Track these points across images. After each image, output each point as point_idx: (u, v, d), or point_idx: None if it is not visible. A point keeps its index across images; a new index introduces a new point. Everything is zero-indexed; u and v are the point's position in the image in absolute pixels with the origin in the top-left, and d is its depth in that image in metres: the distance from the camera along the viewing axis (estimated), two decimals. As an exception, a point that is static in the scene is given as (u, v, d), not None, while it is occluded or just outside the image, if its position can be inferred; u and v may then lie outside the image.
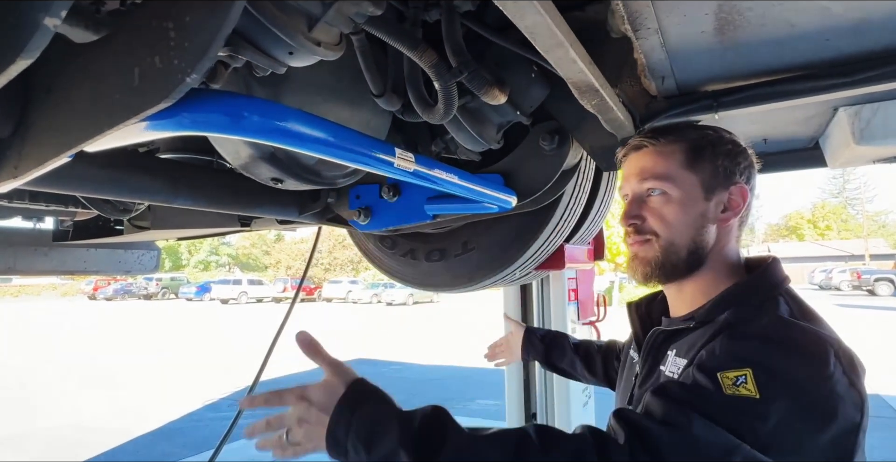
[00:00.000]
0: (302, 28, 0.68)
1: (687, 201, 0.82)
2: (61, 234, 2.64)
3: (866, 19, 0.81)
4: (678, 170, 0.83)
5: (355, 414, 0.65)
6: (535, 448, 0.60)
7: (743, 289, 0.79)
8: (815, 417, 0.60)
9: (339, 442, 0.64)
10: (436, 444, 0.61)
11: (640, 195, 0.86)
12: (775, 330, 0.68)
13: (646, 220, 0.83)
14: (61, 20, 0.41)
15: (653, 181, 0.83)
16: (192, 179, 1.31)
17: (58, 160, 0.67)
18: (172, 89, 0.51)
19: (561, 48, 0.72)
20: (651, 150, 0.86)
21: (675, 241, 0.81)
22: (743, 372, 0.62)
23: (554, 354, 1.37)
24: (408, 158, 0.83)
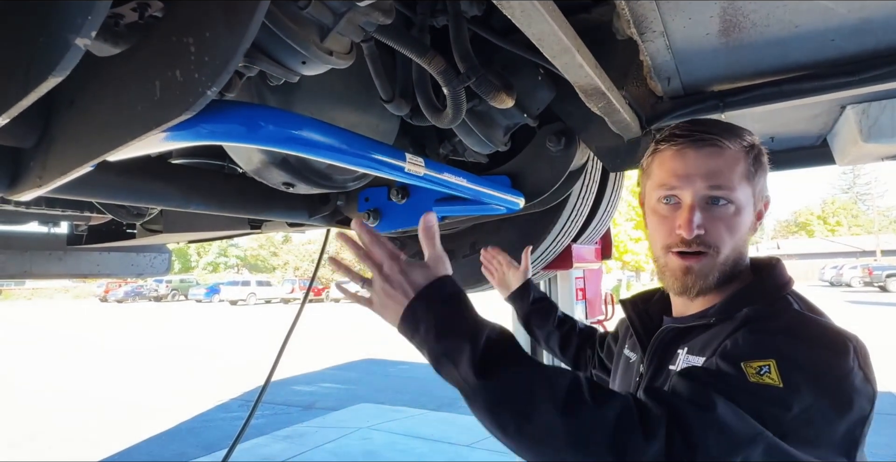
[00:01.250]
0: (314, 38, 0.70)
1: (746, 215, 0.79)
2: (75, 239, 2.68)
3: (869, 19, 0.82)
4: (742, 180, 0.77)
5: (438, 302, 0.67)
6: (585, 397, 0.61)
7: (755, 288, 0.79)
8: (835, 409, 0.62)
9: (415, 318, 0.67)
10: (498, 355, 0.64)
11: (704, 201, 0.77)
12: (798, 324, 0.69)
13: (709, 232, 0.77)
14: (91, 40, 0.43)
15: (725, 191, 0.76)
16: (206, 185, 1.33)
17: (80, 170, 0.69)
18: (193, 102, 0.53)
19: (568, 54, 0.73)
20: (719, 151, 0.77)
21: (730, 256, 0.78)
22: (767, 362, 0.62)
23: (535, 319, 1.36)
24: (418, 163, 0.85)
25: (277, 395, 7.22)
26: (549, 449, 0.59)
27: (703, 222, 0.77)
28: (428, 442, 5.19)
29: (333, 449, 5.08)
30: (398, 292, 0.69)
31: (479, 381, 0.61)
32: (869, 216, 50.64)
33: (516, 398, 0.60)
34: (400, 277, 0.69)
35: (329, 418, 6.18)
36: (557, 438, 0.58)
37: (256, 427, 5.68)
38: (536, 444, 0.59)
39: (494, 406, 0.61)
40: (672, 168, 0.79)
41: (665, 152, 0.81)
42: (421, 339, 0.67)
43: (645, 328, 0.92)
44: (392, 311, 0.70)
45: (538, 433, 0.59)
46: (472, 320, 0.67)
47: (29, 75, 0.47)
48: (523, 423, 0.59)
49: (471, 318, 0.67)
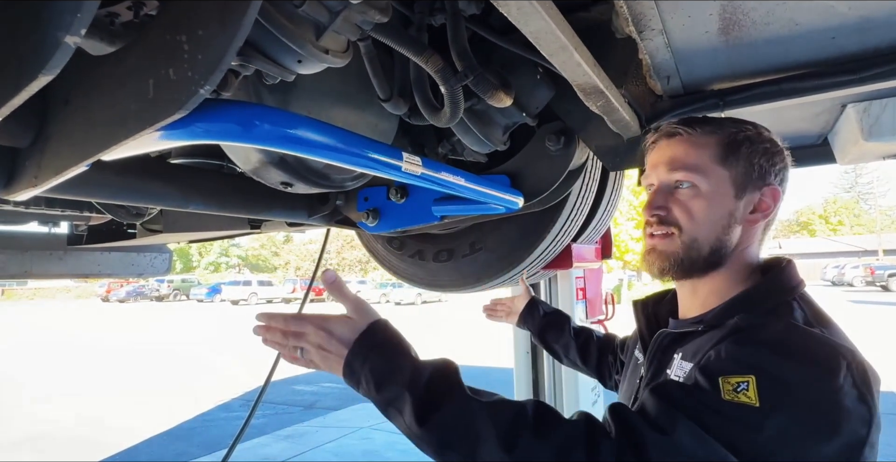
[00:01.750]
0: (310, 37, 0.69)
1: (716, 197, 0.78)
2: (76, 239, 2.69)
3: (871, 17, 0.81)
4: (711, 163, 0.78)
5: (373, 352, 0.68)
6: (528, 428, 0.60)
7: (756, 293, 0.76)
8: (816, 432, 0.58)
9: (354, 373, 0.67)
10: (438, 399, 0.63)
11: (667, 186, 0.81)
12: (786, 337, 0.66)
13: (670, 212, 0.79)
14: (81, 38, 0.43)
15: (683, 172, 0.79)
16: (204, 184, 1.33)
17: (76, 169, 0.69)
18: (186, 100, 0.52)
19: (565, 52, 0.73)
20: (685, 138, 0.81)
21: (698, 238, 0.78)
22: (746, 378, 0.60)
23: (550, 333, 1.35)
24: (415, 162, 0.84)
25: (278, 395, 7.23)
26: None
27: (664, 204, 0.80)
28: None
29: (334, 449, 5.08)
30: (332, 354, 0.69)
31: (422, 428, 0.62)
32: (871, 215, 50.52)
33: (460, 441, 0.61)
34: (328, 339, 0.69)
35: (330, 418, 6.19)
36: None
37: (257, 427, 5.69)
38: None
39: (442, 450, 0.62)
40: (650, 159, 0.86)
41: (649, 148, 0.88)
42: (364, 392, 0.67)
43: (650, 330, 0.91)
44: (334, 369, 0.70)
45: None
46: (409, 366, 0.66)
47: (20, 74, 0.47)
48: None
49: (407, 364, 0.66)
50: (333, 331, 0.69)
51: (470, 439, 0.60)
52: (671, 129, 0.84)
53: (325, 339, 0.69)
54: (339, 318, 0.71)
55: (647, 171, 0.87)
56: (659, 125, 1.15)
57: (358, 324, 0.70)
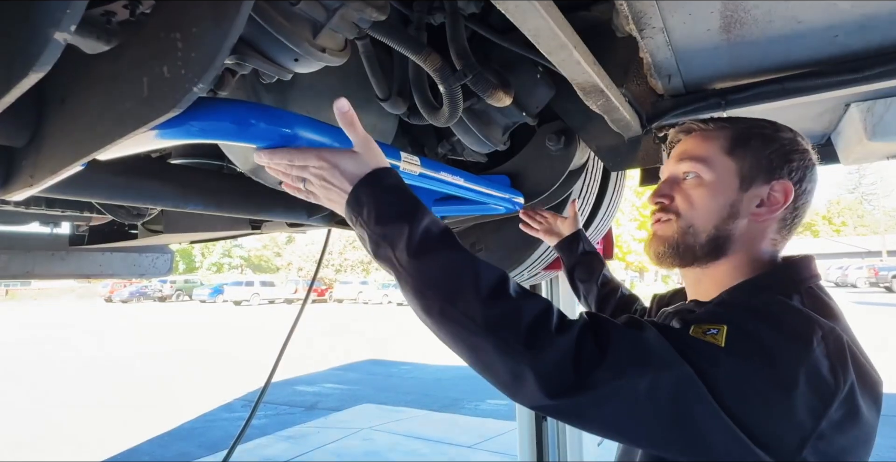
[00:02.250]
0: (307, 35, 0.69)
1: (718, 187, 0.78)
2: (77, 239, 2.69)
3: (874, 15, 0.80)
4: (716, 154, 0.80)
5: (380, 188, 0.69)
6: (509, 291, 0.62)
7: (755, 281, 0.75)
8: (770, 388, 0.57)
9: (358, 204, 0.68)
10: (434, 240, 0.65)
11: (674, 176, 0.84)
12: (766, 305, 0.66)
13: (673, 201, 0.82)
14: (71, 34, 0.42)
15: (689, 163, 0.81)
16: (203, 184, 1.32)
17: (71, 169, 0.68)
18: (180, 99, 0.52)
19: (564, 50, 0.72)
20: (697, 134, 0.84)
21: (695, 224, 0.79)
22: (718, 327, 0.61)
23: (579, 272, 1.35)
24: (413, 162, 0.84)
25: (280, 396, 7.23)
26: (465, 332, 0.61)
27: (669, 192, 0.82)
28: (430, 443, 5.18)
29: (335, 450, 5.07)
30: (335, 187, 0.69)
31: (411, 261, 0.63)
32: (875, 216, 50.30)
33: (444, 282, 0.62)
34: (332, 171, 0.69)
35: (331, 419, 6.18)
36: (475, 323, 0.60)
37: (259, 427, 5.69)
38: (456, 326, 0.61)
39: (423, 287, 0.63)
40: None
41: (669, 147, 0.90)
42: (363, 222, 0.68)
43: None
44: (335, 202, 0.71)
45: (458, 317, 0.61)
46: (414, 205, 0.68)
47: (10, 71, 0.46)
48: (446, 306, 0.61)
49: (412, 204, 0.68)
50: (339, 164, 0.69)
51: (453, 282, 0.62)
52: (686, 126, 0.86)
53: (330, 171, 0.69)
54: (345, 153, 0.70)
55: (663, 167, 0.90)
56: (661, 125, 1.15)
57: (367, 161, 0.70)
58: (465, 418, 5.95)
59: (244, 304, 27.83)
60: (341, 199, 0.70)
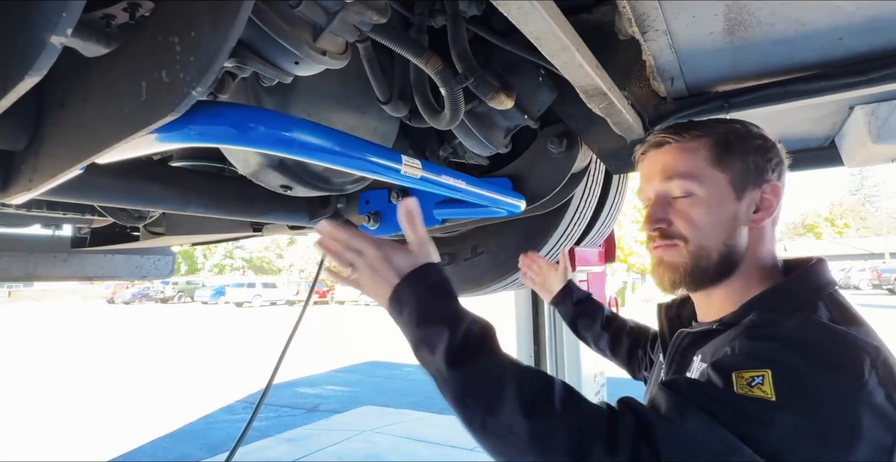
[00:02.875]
0: (307, 38, 0.68)
1: (716, 202, 0.75)
2: (79, 241, 2.69)
3: (879, 17, 0.79)
4: (705, 168, 0.76)
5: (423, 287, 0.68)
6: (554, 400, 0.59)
7: (777, 292, 0.73)
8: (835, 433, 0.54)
9: (400, 302, 0.68)
10: (474, 347, 0.63)
11: (664, 196, 0.78)
12: (805, 331, 0.62)
13: (672, 224, 0.77)
14: (67, 38, 0.42)
15: (678, 180, 0.76)
16: (204, 187, 1.32)
17: (69, 173, 0.68)
18: (178, 102, 0.51)
19: (567, 52, 0.71)
20: (674, 146, 0.79)
21: (706, 245, 0.75)
22: (761, 372, 0.57)
23: (581, 321, 1.30)
24: (414, 165, 0.83)
25: (281, 398, 7.23)
26: (510, 448, 0.58)
27: (665, 215, 0.77)
28: (432, 445, 5.16)
29: (337, 452, 5.06)
30: (383, 278, 0.69)
31: (450, 369, 0.61)
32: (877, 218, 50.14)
33: (484, 392, 0.60)
34: (384, 264, 0.69)
35: (333, 421, 6.17)
36: (519, 438, 0.57)
37: (260, 429, 5.68)
38: (499, 440, 0.59)
39: (463, 396, 0.61)
40: (642, 172, 0.85)
41: (639, 161, 0.86)
42: (404, 322, 0.67)
43: (672, 333, 0.89)
44: (379, 295, 0.71)
45: (501, 430, 0.58)
46: (455, 309, 0.66)
47: (7, 75, 0.46)
48: (488, 418, 0.59)
49: (453, 307, 0.67)
50: (391, 258, 0.69)
51: (494, 394, 0.59)
52: (658, 139, 0.81)
53: (382, 262, 0.69)
54: (399, 248, 0.71)
55: (641, 184, 0.84)
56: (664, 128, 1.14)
57: (417, 259, 0.70)
58: (466, 421, 5.92)
59: (246, 305, 27.86)
60: (385, 294, 0.70)
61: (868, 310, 16.09)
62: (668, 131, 0.81)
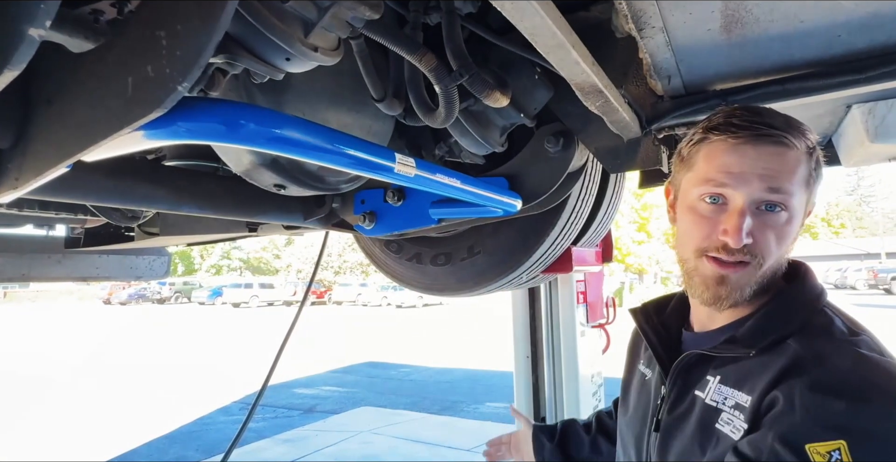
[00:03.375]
0: (298, 34, 0.67)
1: (797, 224, 0.71)
2: (73, 242, 2.67)
3: (878, 14, 0.79)
4: (800, 185, 0.69)
5: None
6: None
7: (787, 303, 0.71)
8: None
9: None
10: None
11: (756, 205, 0.69)
12: (862, 378, 0.60)
13: (756, 241, 0.69)
14: (46, 30, 0.41)
15: (782, 195, 0.68)
16: (197, 187, 1.31)
17: (56, 171, 0.67)
18: (164, 98, 0.50)
19: (562, 49, 0.70)
20: (782, 151, 0.68)
21: (772, 266, 0.71)
22: (836, 445, 0.55)
23: (571, 449, 1.21)
24: (408, 163, 0.82)
25: (278, 399, 7.20)
26: None
27: (752, 230, 0.68)
28: (429, 446, 5.15)
29: (334, 453, 5.05)
30: None
31: None
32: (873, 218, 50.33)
33: None
34: None
35: (330, 422, 6.16)
36: None
37: (257, 430, 5.66)
38: None
39: None
40: (724, 163, 0.70)
41: (717, 144, 0.71)
42: None
43: (662, 343, 0.85)
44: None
45: None
46: None
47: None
48: None
49: None
50: None
51: None
52: (765, 131, 0.68)
53: None
54: None
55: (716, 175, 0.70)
56: (661, 126, 1.13)
57: None
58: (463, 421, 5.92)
59: (243, 306, 27.80)
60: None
61: (865, 310, 16.15)
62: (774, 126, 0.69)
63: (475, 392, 7.25)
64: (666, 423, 0.76)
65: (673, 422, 0.75)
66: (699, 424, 0.70)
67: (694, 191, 0.73)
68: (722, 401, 0.69)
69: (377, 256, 2.03)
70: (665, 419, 0.77)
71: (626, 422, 0.91)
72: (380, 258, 2.02)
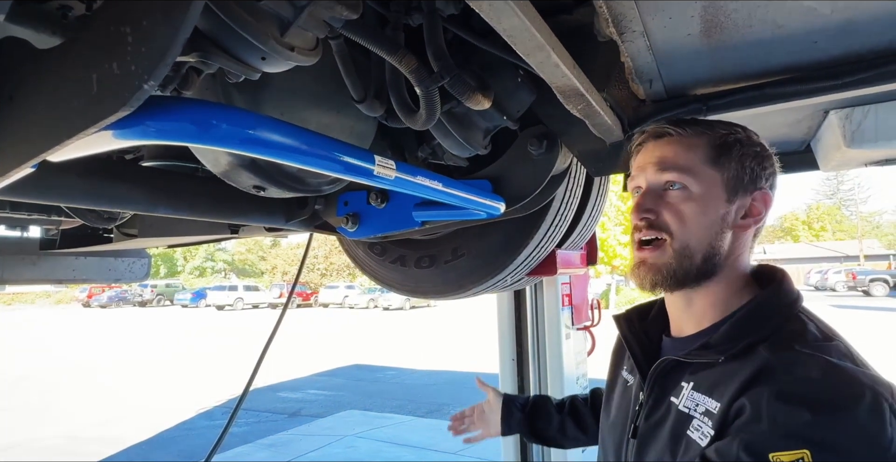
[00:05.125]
0: (273, 32, 0.66)
1: (708, 200, 0.75)
2: (48, 243, 2.60)
3: (853, 21, 0.80)
4: (702, 165, 0.76)
5: None
6: None
7: (763, 309, 0.72)
8: None
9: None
10: None
11: (656, 187, 0.77)
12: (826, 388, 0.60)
13: (660, 216, 0.75)
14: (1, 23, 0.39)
15: (673, 173, 0.75)
16: (174, 188, 1.28)
17: (19, 171, 0.64)
18: (130, 97, 0.48)
19: (542, 52, 0.70)
20: (674, 139, 0.78)
21: (691, 245, 0.74)
22: (800, 454, 0.56)
23: (539, 423, 1.21)
24: (388, 166, 0.81)
25: (262, 402, 7.11)
26: None
27: (654, 207, 0.76)
28: (415, 449, 5.12)
29: (318, 457, 4.99)
30: None
31: None
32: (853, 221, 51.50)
33: None
34: None
35: (314, 426, 6.09)
36: None
37: (240, 435, 5.57)
38: None
39: None
40: (636, 163, 0.84)
41: (634, 151, 0.86)
42: None
43: (643, 350, 0.85)
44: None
45: None
46: None
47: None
48: None
49: None
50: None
51: None
52: (660, 130, 0.81)
53: None
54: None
55: (633, 173, 0.83)
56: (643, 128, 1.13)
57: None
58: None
59: (227, 308, 27.43)
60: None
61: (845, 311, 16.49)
62: (670, 123, 0.81)
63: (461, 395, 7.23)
64: (643, 430, 0.77)
65: (649, 428, 0.76)
66: (672, 431, 0.71)
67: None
68: (693, 407, 0.69)
69: (361, 259, 2.01)
70: (642, 426, 0.77)
71: (608, 427, 0.91)
72: (363, 261, 2.00)
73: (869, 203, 54.99)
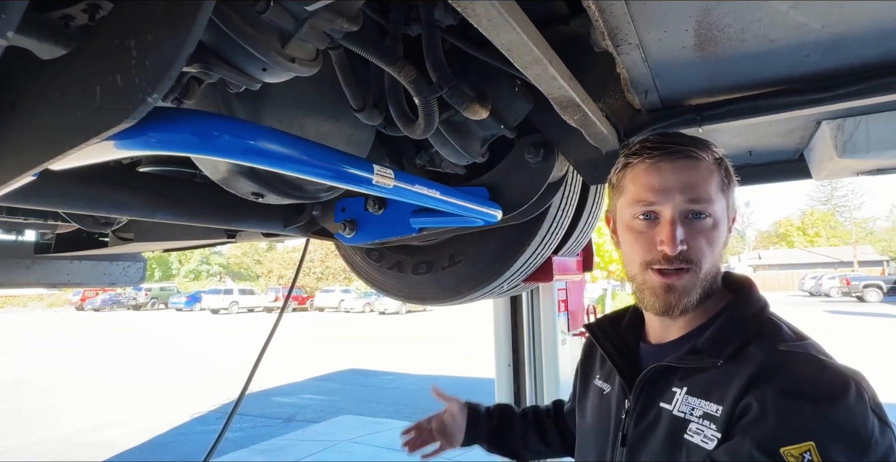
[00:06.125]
0: (274, 44, 0.67)
1: (722, 227, 0.77)
2: (43, 247, 2.59)
3: (843, 35, 0.81)
4: (717, 192, 0.77)
5: None
6: None
7: (740, 313, 0.76)
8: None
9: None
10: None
11: (684, 215, 0.75)
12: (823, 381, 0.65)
13: (691, 247, 0.75)
14: (7, 40, 0.39)
15: (704, 205, 0.75)
16: (173, 194, 1.28)
17: (21, 179, 0.64)
18: (133, 109, 0.49)
19: (539, 65, 0.71)
20: (694, 163, 0.76)
21: (712, 271, 0.76)
22: (807, 446, 0.60)
23: (504, 431, 1.18)
24: (387, 175, 0.82)
25: (257, 407, 7.07)
26: None
27: (685, 237, 0.74)
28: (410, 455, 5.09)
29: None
30: None
31: None
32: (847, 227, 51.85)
33: None
34: None
35: (309, 431, 6.06)
36: None
37: (234, 440, 5.54)
38: None
39: None
40: (648, 182, 0.77)
41: (638, 166, 0.79)
42: None
43: (622, 357, 0.86)
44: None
45: None
46: None
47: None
48: None
49: None
50: None
51: None
52: (675, 148, 0.76)
53: None
54: None
55: (644, 194, 0.77)
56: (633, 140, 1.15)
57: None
58: (445, 429, 5.88)
59: (222, 312, 27.29)
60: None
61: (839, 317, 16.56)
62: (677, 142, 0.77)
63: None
64: (633, 437, 0.77)
65: (640, 435, 0.76)
66: (667, 436, 0.72)
67: (628, 211, 0.80)
68: (689, 411, 0.71)
69: (358, 264, 2.02)
70: (631, 432, 0.78)
71: (586, 437, 0.91)
72: (361, 266, 2.01)
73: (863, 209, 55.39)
